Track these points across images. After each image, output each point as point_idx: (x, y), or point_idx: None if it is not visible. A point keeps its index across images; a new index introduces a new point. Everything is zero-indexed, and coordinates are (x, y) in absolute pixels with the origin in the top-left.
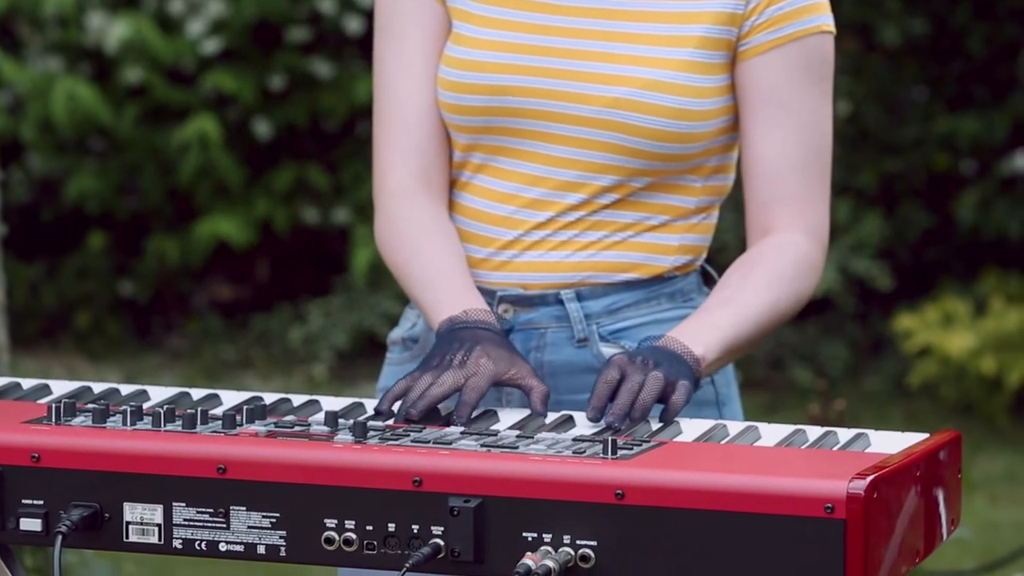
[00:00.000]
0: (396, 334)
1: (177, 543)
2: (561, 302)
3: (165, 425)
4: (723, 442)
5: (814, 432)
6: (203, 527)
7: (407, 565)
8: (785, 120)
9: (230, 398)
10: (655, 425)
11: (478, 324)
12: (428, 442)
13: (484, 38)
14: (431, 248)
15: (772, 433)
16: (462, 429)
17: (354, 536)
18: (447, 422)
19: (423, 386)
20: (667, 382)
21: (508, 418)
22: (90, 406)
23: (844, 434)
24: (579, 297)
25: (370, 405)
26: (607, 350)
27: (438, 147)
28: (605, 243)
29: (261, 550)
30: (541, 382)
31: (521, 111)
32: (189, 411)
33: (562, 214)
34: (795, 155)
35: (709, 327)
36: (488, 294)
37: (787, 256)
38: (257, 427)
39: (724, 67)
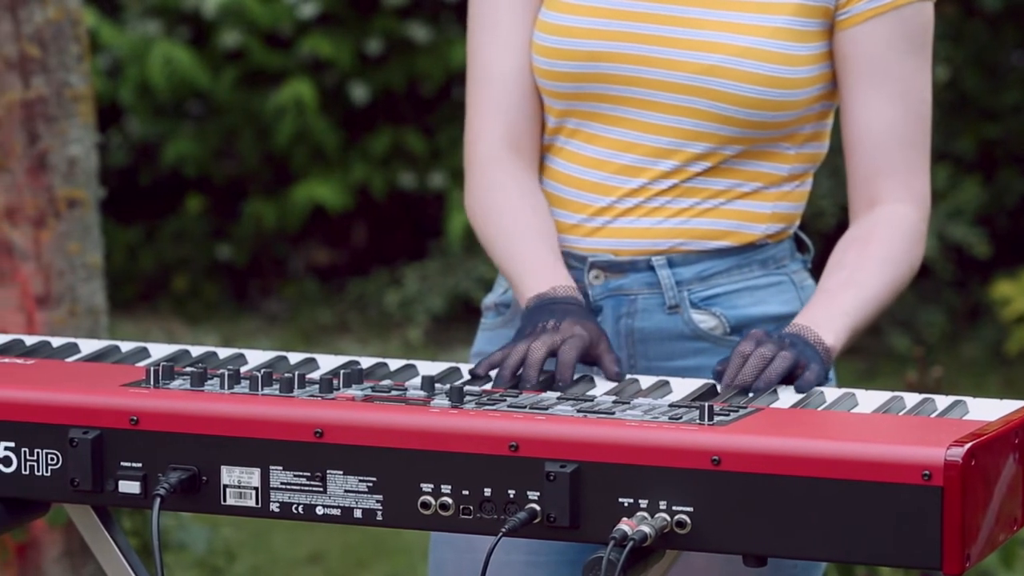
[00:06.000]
0: (489, 299)
1: (274, 507)
2: (652, 268)
3: (262, 389)
4: (820, 408)
5: (911, 399)
6: (300, 491)
7: (503, 530)
8: (887, 90)
9: (327, 362)
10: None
11: (566, 300)
12: (524, 407)
13: (579, 3)
14: (519, 218)
15: (869, 400)
16: (558, 395)
17: (450, 501)
18: (545, 387)
19: (520, 353)
20: (797, 363)
21: (604, 384)
22: (188, 369)
23: (942, 401)
24: (670, 263)
25: (466, 370)
26: (698, 317)
27: (528, 114)
28: (697, 210)
29: (358, 514)
30: (615, 355)
31: (615, 77)
32: (286, 375)
33: (654, 181)
34: (899, 126)
35: (837, 314)
36: (578, 260)
37: (900, 229)
38: (354, 391)
39: (820, 35)
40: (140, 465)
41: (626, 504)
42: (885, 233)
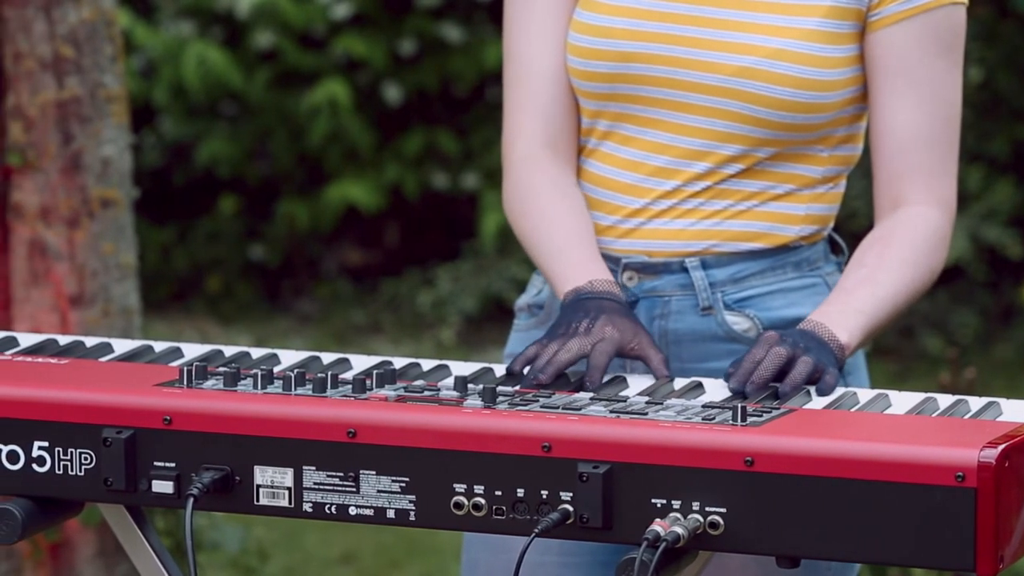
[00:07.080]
0: (523, 301)
1: (307, 507)
2: (686, 270)
3: (295, 389)
4: (853, 410)
5: (945, 400)
6: (333, 491)
7: (536, 531)
8: (916, 92)
9: (360, 362)
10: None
11: (603, 295)
12: (557, 408)
13: (613, 4)
14: (557, 216)
15: (902, 401)
16: (591, 395)
17: (483, 501)
18: (576, 388)
19: (551, 352)
20: (816, 368)
21: (637, 384)
22: (221, 369)
23: (975, 402)
24: (704, 265)
25: (499, 370)
26: (732, 318)
27: (565, 114)
28: (730, 212)
29: (391, 514)
30: (659, 350)
31: (648, 78)
32: (319, 375)
33: (688, 183)
34: (926, 127)
35: (852, 311)
36: (612, 261)
37: (921, 231)
38: (387, 391)
39: (853, 37)
40: (173, 465)
41: (659, 505)
42: (906, 234)
